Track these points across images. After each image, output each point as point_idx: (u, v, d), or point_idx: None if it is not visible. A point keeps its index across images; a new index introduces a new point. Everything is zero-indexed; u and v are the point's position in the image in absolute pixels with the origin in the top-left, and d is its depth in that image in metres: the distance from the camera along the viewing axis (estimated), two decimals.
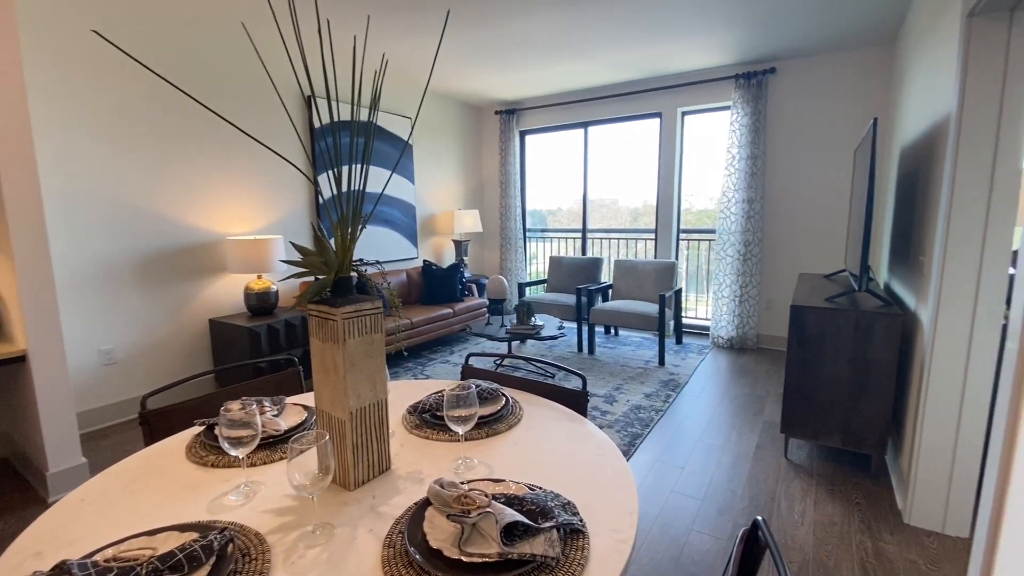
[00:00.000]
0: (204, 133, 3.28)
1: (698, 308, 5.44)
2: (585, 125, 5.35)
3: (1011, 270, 1.73)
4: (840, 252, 4.17)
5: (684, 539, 1.90)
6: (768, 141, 4.33)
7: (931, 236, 1.99)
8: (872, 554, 1.81)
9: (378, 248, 4.65)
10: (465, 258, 5.38)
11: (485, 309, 4.88)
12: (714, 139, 4.85)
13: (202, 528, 0.81)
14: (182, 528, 0.81)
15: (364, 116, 4.18)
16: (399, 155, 4.67)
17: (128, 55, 0.74)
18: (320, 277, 0.96)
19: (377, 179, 4.55)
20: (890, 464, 2.38)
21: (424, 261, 4.76)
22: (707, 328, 4.96)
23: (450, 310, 4.47)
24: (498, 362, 4.10)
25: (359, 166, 0.95)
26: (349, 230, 0.94)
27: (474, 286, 5.11)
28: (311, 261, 0.90)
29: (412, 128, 1.16)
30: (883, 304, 2.28)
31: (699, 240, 5.21)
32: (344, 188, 0.95)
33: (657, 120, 4.89)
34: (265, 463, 1.07)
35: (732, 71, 4.36)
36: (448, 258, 5.59)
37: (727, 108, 4.49)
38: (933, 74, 2.27)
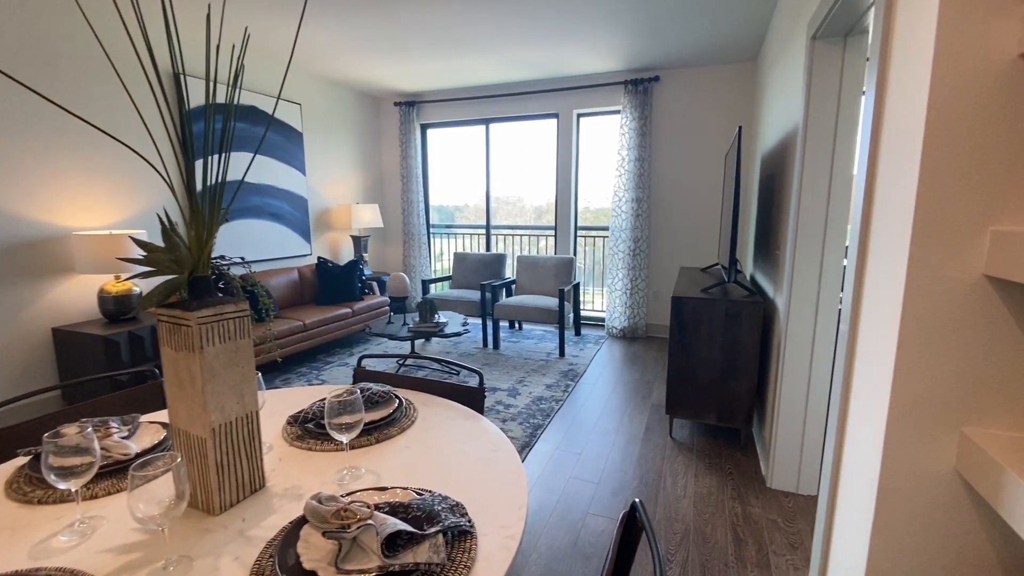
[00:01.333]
0: (32, 109, 2.78)
1: (595, 301, 5.72)
2: (487, 122, 5.35)
3: (844, 262, 2.01)
4: (715, 247, 4.61)
5: (581, 523, 1.98)
6: (653, 144, 4.65)
7: (785, 232, 2.26)
8: (741, 518, 2.01)
9: (264, 244, 4.28)
10: (365, 255, 5.16)
11: (387, 308, 4.71)
12: (607, 141, 5.10)
13: None
14: None
15: (239, 97, 3.83)
16: (264, 132, 4.33)
17: None
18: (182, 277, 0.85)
19: (264, 169, 4.19)
20: (756, 436, 2.67)
21: (319, 258, 4.48)
22: (603, 319, 5.24)
23: (348, 310, 4.25)
24: (400, 362, 3.98)
25: (218, 155, 0.85)
26: (206, 223, 0.84)
27: (375, 284, 4.91)
28: (156, 259, 0.79)
29: (274, 110, 1.07)
30: (748, 294, 2.55)
31: (595, 237, 5.47)
32: (215, 177, 0.85)
33: (555, 120, 5.03)
34: (109, 493, 0.93)
35: (622, 77, 4.62)
36: (346, 255, 5.31)
37: (618, 112, 4.74)
38: (785, 89, 2.58)
